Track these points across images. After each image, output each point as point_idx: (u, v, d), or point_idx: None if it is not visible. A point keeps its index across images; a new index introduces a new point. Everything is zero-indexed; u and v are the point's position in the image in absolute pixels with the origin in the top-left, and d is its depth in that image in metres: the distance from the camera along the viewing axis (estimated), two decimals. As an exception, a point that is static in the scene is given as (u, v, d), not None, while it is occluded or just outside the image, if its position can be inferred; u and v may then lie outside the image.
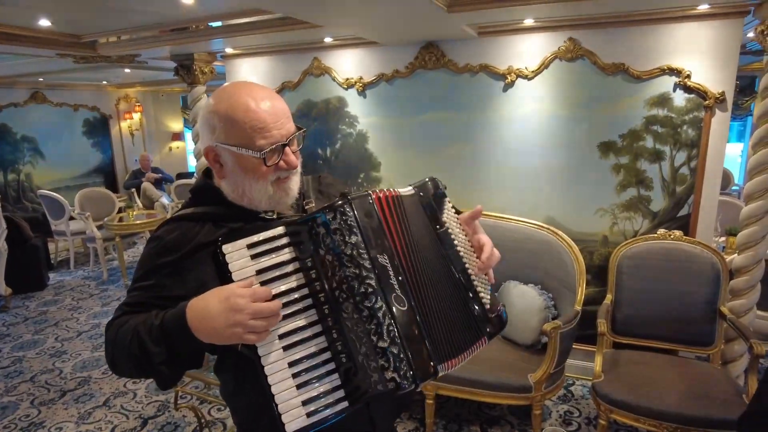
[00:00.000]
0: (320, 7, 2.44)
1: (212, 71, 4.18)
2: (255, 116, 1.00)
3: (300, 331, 0.95)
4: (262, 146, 1.00)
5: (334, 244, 0.97)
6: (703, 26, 2.70)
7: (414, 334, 0.97)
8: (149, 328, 0.94)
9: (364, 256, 0.97)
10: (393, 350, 0.94)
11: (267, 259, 0.96)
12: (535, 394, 2.45)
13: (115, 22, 3.29)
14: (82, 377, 3.50)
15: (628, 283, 2.82)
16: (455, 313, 1.07)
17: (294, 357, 0.94)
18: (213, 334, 0.91)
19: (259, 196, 1.05)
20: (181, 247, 1.02)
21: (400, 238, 1.04)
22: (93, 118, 7.80)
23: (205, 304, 0.91)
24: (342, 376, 0.95)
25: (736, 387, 2.36)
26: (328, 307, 0.96)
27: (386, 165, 3.67)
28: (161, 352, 0.94)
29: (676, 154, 2.89)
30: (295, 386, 0.93)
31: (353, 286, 0.96)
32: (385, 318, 0.95)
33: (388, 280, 0.98)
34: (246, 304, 0.88)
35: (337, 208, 0.98)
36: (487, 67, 3.19)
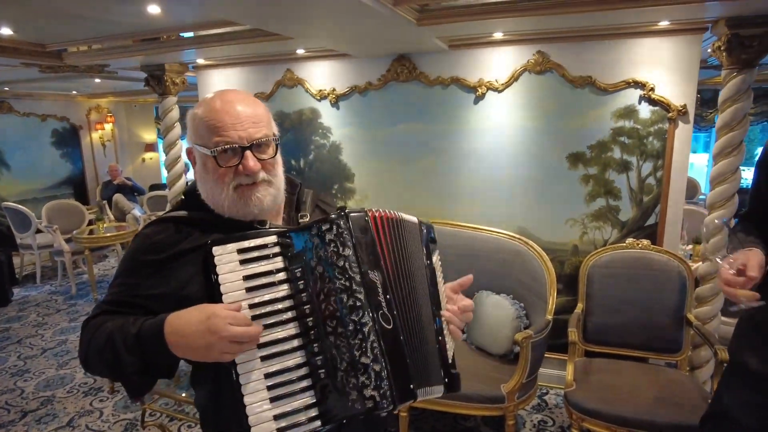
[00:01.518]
0: (288, 20, 2.44)
1: (184, 82, 4.13)
2: (215, 115, 1.00)
3: (280, 342, 0.93)
4: (216, 144, 0.99)
5: (327, 255, 0.96)
6: (664, 41, 2.79)
7: (397, 354, 0.96)
8: (125, 336, 0.93)
9: (356, 270, 0.96)
10: (375, 368, 0.93)
11: (256, 266, 0.95)
12: (508, 404, 2.45)
13: (82, 31, 3.23)
14: (45, 396, 3.37)
15: (599, 291, 2.86)
16: (424, 347, 1.05)
17: (271, 369, 0.91)
18: (188, 351, 0.90)
19: (219, 201, 1.03)
20: (167, 249, 1.02)
21: (392, 258, 1.03)
22: (62, 129, 7.62)
23: (185, 321, 0.90)
24: (318, 394, 0.93)
25: (703, 392, 2.40)
26: (312, 320, 0.95)
27: (360, 176, 3.66)
28: (134, 362, 0.92)
29: (642, 164, 2.95)
30: (269, 399, 0.90)
31: (342, 298, 0.95)
32: (371, 334, 0.94)
33: (377, 296, 0.97)
34: (225, 327, 0.87)
35: (334, 221, 0.98)
36: (459, 80, 3.23)
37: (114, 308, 1.01)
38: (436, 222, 3.32)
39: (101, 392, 3.39)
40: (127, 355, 0.92)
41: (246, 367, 0.90)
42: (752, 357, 1.41)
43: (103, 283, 5.85)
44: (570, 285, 3.14)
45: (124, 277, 1.03)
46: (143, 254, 1.03)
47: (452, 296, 1.17)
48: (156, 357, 0.92)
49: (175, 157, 4.18)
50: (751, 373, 1.41)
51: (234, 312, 0.90)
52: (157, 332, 0.91)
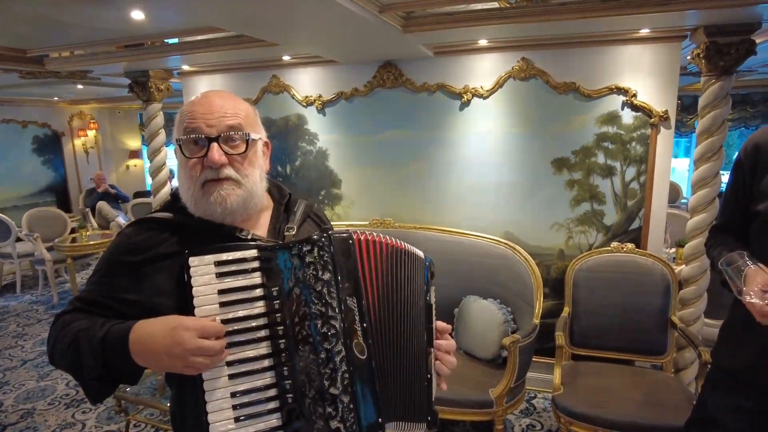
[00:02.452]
0: (274, 27, 2.44)
1: (168, 88, 4.10)
2: (190, 107, 0.99)
3: (250, 362, 0.90)
4: (184, 131, 0.98)
5: (306, 277, 0.93)
6: (646, 49, 2.84)
7: (367, 386, 0.93)
8: (90, 339, 0.90)
9: (333, 296, 0.93)
10: (344, 399, 0.91)
11: (232, 281, 0.91)
12: (496, 408, 2.45)
13: (64, 37, 3.19)
14: (26, 409, 3.29)
15: (584, 295, 2.89)
16: (411, 384, 1.02)
17: (238, 388, 0.88)
18: (151, 362, 0.88)
19: (186, 197, 1.00)
20: (145, 251, 0.99)
21: (377, 285, 0.99)
22: (44, 135, 7.49)
23: (151, 330, 0.87)
24: (284, 417, 0.90)
25: (688, 394, 2.43)
26: (284, 342, 0.91)
27: (347, 182, 3.66)
28: (95, 367, 0.90)
29: (626, 169, 3.00)
30: (233, 418, 0.87)
31: (316, 324, 0.92)
32: (342, 364, 0.92)
33: (353, 324, 0.94)
34: (190, 339, 0.84)
35: (316, 242, 0.94)
36: (444, 86, 3.25)
37: (87, 306, 0.98)
38: (423, 228, 3.33)
39: (83, 404, 3.32)
40: (90, 359, 0.90)
41: (213, 384, 0.88)
42: (737, 362, 1.42)
43: (85, 292, 5.74)
44: (556, 289, 3.16)
45: (99, 275, 1.01)
46: (121, 254, 1.00)
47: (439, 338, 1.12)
48: (119, 364, 0.90)
49: (159, 164, 4.13)
50: (737, 377, 1.43)
51: (203, 323, 0.86)
52: (122, 339, 0.88)
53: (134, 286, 0.98)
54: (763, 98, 6.76)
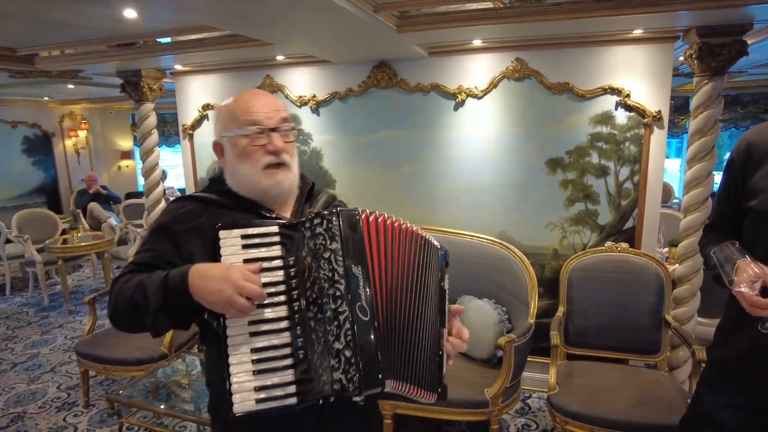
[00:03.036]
0: (269, 26, 2.43)
1: (161, 88, 4.07)
2: (246, 105, 1.17)
3: (269, 322, 1.01)
4: (246, 123, 1.15)
5: (316, 247, 1.04)
6: (639, 49, 2.86)
7: (369, 344, 1.01)
8: (154, 279, 1.05)
9: (340, 263, 1.03)
10: (346, 353, 0.99)
11: (255, 252, 1.04)
12: (492, 408, 2.45)
13: (54, 35, 3.16)
14: (16, 413, 3.25)
15: (579, 295, 2.90)
16: (420, 353, 1.09)
17: (258, 345, 0.99)
18: (203, 293, 1.00)
19: (249, 181, 1.17)
20: (185, 223, 1.16)
21: (383, 258, 1.08)
22: (33, 136, 7.42)
23: (208, 267, 1.02)
24: (296, 373, 0.99)
25: (682, 392, 2.44)
26: (298, 305, 1.02)
27: (341, 183, 3.65)
28: (158, 300, 1.03)
29: (620, 169, 3.01)
30: (252, 371, 0.98)
31: (324, 287, 1.03)
32: (346, 322, 1.00)
33: (357, 289, 1.03)
34: (238, 279, 0.97)
35: (325, 216, 1.06)
36: (439, 87, 3.25)
37: (141, 268, 1.13)
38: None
39: (75, 407, 3.29)
40: (154, 294, 1.04)
41: (236, 340, 0.99)
42: (729, 354, 1.43)
43: (77, 294, 5.69)
44: (551, 289, 3.17)
45: (150, 243, 1.17)
46: (167, 224, 1.17)
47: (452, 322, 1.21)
48: (177, 296, 1.02)
49: (152, 165, 4.10)
50: (730, 372, 1.44)
51: (249, 273, 0.99)
52: (184, 273, 1.02)
53: (175, 250, 1.14)
54: (753, 99, 6.84)
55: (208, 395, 1.29)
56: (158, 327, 1.08)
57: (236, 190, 1.20)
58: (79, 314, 5.09)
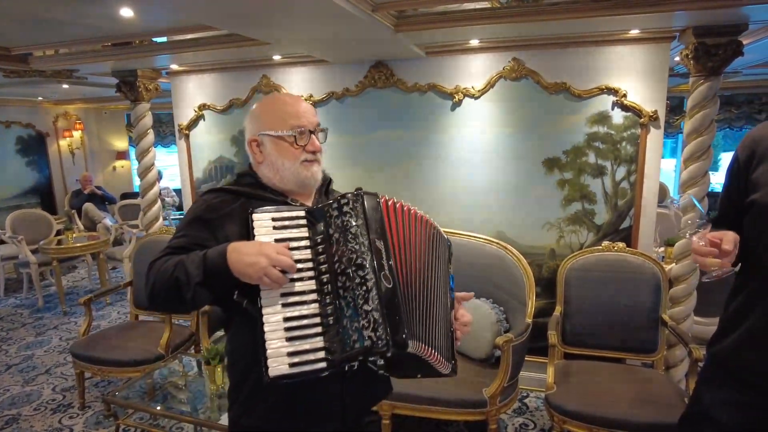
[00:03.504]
0: (267, 25, 2.42)
1: (157, 88, 4.05)
2: (291, 108, 1.32)
3: (299, 294, 1.13)
4: (293, 126, 1.30)
5: (343, 223, 1.16)
6: (635, 49, 2.87)
7: (393, 307, 1.11)
8: (194, 258, 1.15)
9: (364, 236, 1.15)
10: (374, 315, 1.09)
11: (285, 233, 1.16)
12: (490, 408, 2.45)
13: (49, 35, 3.14)
14: (11, 415, 3.22)
15: (576, 294, 2.90)
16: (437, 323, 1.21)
17: (290, 314, 1.11)
18: (240, 266, 1.10)
19: (289, 175, 1.30)
20: (219, 211, 1.27)
21: (399, 236, 1.21)
22: (27, 136, 7.36)
23: (244, 244, 1.13)
24: (326, 339, 1.10)
25: (679, 391, 2.45)
26: (327, 277, 1.14)
27: (338, 182, 3.60)
28: (199, 274, 1.12)
29: (616, 169, 3.02)
30: (285, 338, 1.09)
31: (352, 258, 1.13)
32: (373, 288, 1.11)
33: (381, 260, 1.14)
34: (271, 253, 1.09)
35: (350, 197, 1.18)
36: (436, 87, 3.26)
37: (177, 251, 1.22)
38: (416, 227, 3.31)
39: (71, 408, 3.26)
40: (194, 270, 1.13)
41: (270, 310, 1.10)
42: (726, 346, 1.44)
43: (72, 295, 5.66)
44: (548, 288, 3.17)
45: (185, 230, 1.27)
46: (201, 212, 1.28)
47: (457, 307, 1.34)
48: (217, 272, 1.12)
49: (148, 165, 4.08)
50: (727, 367, 1.44)
51: (283, 246, 1.12)
52: (222, 250, 1.13)
53: (211, 236, 1.24)
54: (747, 100, 6.87)
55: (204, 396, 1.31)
56: (198, 301, 1.17)
57: (270, 182, 1.33)
58: (73, 315, 5.06)
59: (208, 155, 4.07)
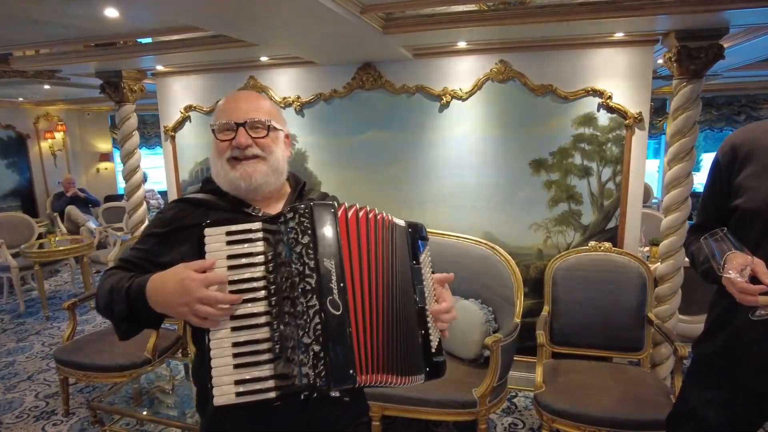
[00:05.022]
0: (254, 26, 2.40)
1: (142, 89, 4.00)
2: (222, 103, 1.25)
3: (250, 317, 1.03)
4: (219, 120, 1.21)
5: (289, 241, 1.05)
6: (620, 52, 2.91)
7: (339, 338, 1.01)
8: (119, 289, 1.10)
9: (311, 257, 1.03)
10: (315, 348, 0.99)
11: (239, 248, 1.05)
12: (480, 408, 2.46)
13: (30, 34, 3.07)
14: (-8, 423, 3.15)
15: (563, 294, 2.93)
16: (400, 339, 1.11)
17: (239, 339, 1.01)
18: (164, 307, 1.04)
19: (217, 174, 1.23)
20: (172, 224, 1.21)
21: (360, 252, 1.10)
22: (8, 138, 7.23)
23: (164, 279, 1.04)
24: (275, 367, 1.01)
25: (664, 388, 2.49)
26: (275, 300, 1.04)
27: (327, 184, 3.63)
28: (124, 310, 1.09)
29: (602, 169, 3.06)
30: (233, 365, 1.00)
31: (296, 281, 1.03)
32: (315, 317, 1.00)
33: (329, 284, 1.03)
34: (195, 288, 0.98)
35: (297, 210, 1.07)
36: (424, 88, 3.27)
37: (125, 266, 1.20)
38: (404, 229, 3.31)
39: (54, 415, 3.20)
40: (119, 304, 1.09)
41: (218, 334, 1.01)
42: (713, 347, 1.46)
43: (54, 300, 5.55)
44: (536, 288, 3.20)
45: (138, 244, 1.23)
46: (154, 227, 1.23)
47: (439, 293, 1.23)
48: (140, 309, 1.07)
49: (133, 167, 4.02)
50: (714, 366, 1.47)
51: (207, 274, 1.00)
52: (142, 288, 1.06)
53: (166, 251, 1.19)
54: (727, 101, 7.02)
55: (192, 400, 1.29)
56: (126, 334, 1.16)
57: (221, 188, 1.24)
58: (56, 320, 4.96)
59: (194, 157, 4.03)
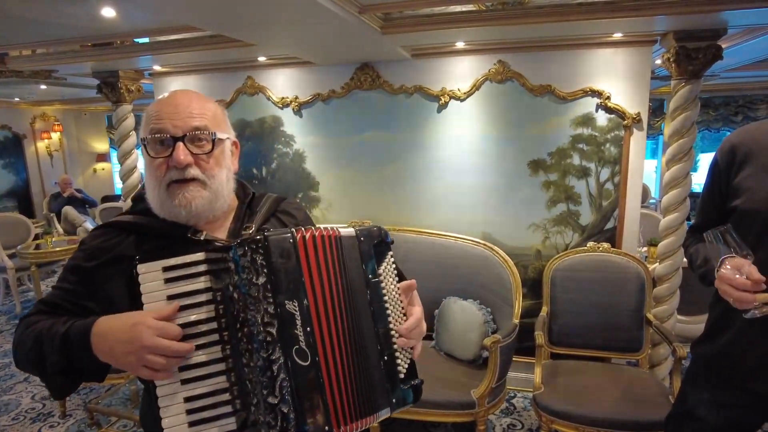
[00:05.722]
0: (253, 26, 2.40)
1: (139, 89, 3.98)
2: (154, 107, 0.99)
3: (201, 366, 0.89)
4: (149, 131, 0.98)
5: (242, 282, 0.89)
6: (618, 52, 2.91)
7: (311, 393, 0.88)
8: (53, 335, 0.92)
9: (270, 301, 0.88)
10: (283, 408, 0.86)
11: (181, 285, 0.90)
12: (478, 409, 2.46)
13: (27, 34, 3.06)
14: (-11, 425, 3.13)
15: (562, 294, 2.93)
16: (365, 374, 0.97)
17: (192, 393, 0.88)
18: (110, 356, 0.88)
19: (156, 199, 1.00)
20: (99, 256, 1.00)
21: (322, 283, 0.94)
22: (4, 138, 7.21)
23: (112, 325, 0.89)
24: (237, 423, 0.89)
25: (663, 389, 2.49)
26: (230, 347, 0.90)
27: (325, 184, 3.63)
28: (58, 362, 0.91)
29: (600, 170, 3.06)
30: (188, 423, 0.87)
31: (253, 331, 0.88)
32: (280, 372, 0.87)
33: (294, 330, 0.89)
34: (149, 338, 0.84)
35: (249, 244, 0.89)
36: (422, 89, 3.26)
37: (50, 309, 1.00)
38: (401, 229, 3.32)
39: (51, 417, 3.18)
40: (52, 354, 0.91)
41: (165, 390, 0.87)
42: (712, 350, 1.46)
43: (51, 301, 5.52)
44: (534, 289, 3.20)
45: (61, 281, 1.03)
46: (77, 260, 1.02)
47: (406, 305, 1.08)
48: (81, 358, 0.90)
49: (130, 168, 4.01)
50: (712, 368, 1.47)
51: (164, 324, 0.86)
52: (85, 333, 0.89)
53: (90, 293, 1.00)
54: (724, 102, 7.04)
55: None
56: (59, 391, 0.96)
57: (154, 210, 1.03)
58: (53, 321, 4.94)
59: (191, 157, 4.01)
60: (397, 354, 1.02)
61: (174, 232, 1.02)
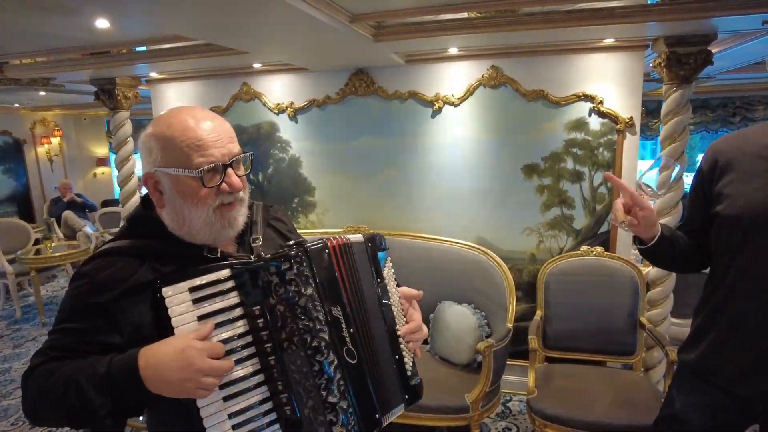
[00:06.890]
0: (242, 36, 2.42)
1: (136, 96, 4.01)
2: (193, 134, 0.95)
3: (242, 381, 0.91)
4: (200, 164, 0.94)
5: (288, 295, 0.93)
6: (610, 57, 2.93)
7: (363, 387, 0.98)
8: (91, 377, 0.86)
9: (319, 309, 0.95)
10: (342, 405, 0.94)
11: (210, 304, 0.91)
12: (472, 413, 2.47)
13: (25, 44, 3.09)
14: (-12, 431, 3.15)
15: (556, 298, 2.94)
16: (384, 371, 1.07)
17: (235, 408, 0.90)
18: (164, 385, 0.86)
19: (198, 225, 0.98)
20: (116, 287, 0.93)
21: (352, 288, 1.03)
22: (4, 143, 7.24)
23: (160, 353, 0.86)
24: (284, 428, 0.92)
25: (656, 392, 2.50)
26: (274, 358, 0.92)
27: (320, 189, 3.65)
28: (106, 403, 0.86)
29: (594, 174, 3.07)
30: None
31: (305, 339, 0.94)
32: (336, 372, 0.95)
33: (341, 333, 0.97)
34: (201, 360, 0.85)
35: (293, 258, 0.95)
36: (416, 94, 3.28)
37: (62, 354, 0.92)
38: (397, 234, 3.33)
39: (50, 423, 3.20)
40: (98, 397, 0.85)
41: (209, 410, 0.87)
42: (695, 353, 1.48)
43: (51, 305, 5.55)
44: (528, 293, 3.21)
45: (67, 323, 0.94)
46: (88, 296, 0.93)
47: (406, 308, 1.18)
48: (130, 395, 0.87)
49: (128, 173, 4.03)
50: (697, 372, 1.48)
51: (210, 344, 0.87)
52: (130, 367, 0.86)
53: (112, 327, 0.93)
54: (722, 103, 7.03)
55: None
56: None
57: (177, 233, 1.00)
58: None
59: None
60: (404, 353, 1.11)
61: (189, 252, 1.00)
